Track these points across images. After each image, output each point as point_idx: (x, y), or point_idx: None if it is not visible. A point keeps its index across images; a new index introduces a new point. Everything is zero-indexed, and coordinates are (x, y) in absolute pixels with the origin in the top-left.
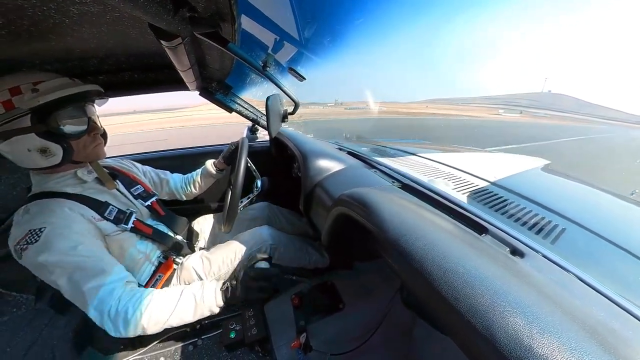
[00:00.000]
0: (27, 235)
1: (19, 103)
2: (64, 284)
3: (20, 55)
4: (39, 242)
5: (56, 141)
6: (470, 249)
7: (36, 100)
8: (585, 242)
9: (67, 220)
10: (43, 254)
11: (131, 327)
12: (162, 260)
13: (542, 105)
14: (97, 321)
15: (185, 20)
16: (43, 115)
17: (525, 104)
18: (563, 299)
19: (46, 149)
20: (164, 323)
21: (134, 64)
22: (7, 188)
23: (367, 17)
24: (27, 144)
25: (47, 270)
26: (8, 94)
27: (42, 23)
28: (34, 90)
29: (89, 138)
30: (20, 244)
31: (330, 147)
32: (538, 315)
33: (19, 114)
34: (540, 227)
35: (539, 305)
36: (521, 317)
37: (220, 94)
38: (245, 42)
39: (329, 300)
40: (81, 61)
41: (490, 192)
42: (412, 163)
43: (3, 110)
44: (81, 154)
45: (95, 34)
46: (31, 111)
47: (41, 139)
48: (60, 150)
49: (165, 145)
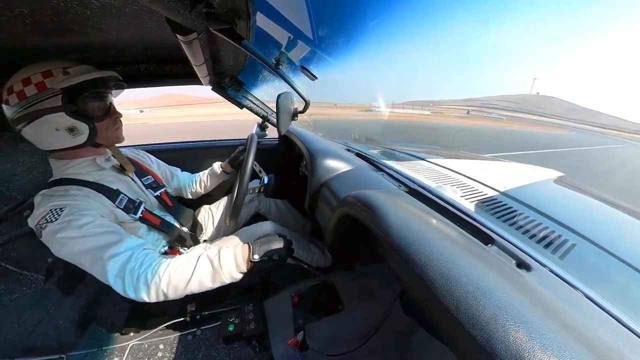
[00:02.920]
0: (48, 214)
1: (51, 84)
2: (83, 256)
3: (44, 44)
4: (58, 220)
5: (84, 121)
6: (475, 258)
7: (68, 81)
8: (596, 260)
9: (87, 202)
10: (63, 231)
11: (152, 292)
12: (167, 250)
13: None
14: (119, 288)
15: (202, 15)
16: (73, 95)
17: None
18: (569, 317)
19: (74, 127)
20: (183, 288)
21: (150, 56)
22: (24, 171)
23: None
24: (56, 123)
25: (66, 246)
26: (41, 76)
27: (64, 14)
28: (65, 73)
29: (110, 121)
30: (41, 223)
31: (339, 147)
32: (541, 331)
33: (51, 93)
34: (549, 240)
35: (543, 321)
36: (523, 332)
37: (232, 89)
38: (259, 38)
39: (328, 301)
40: (100, 52)
41: (499, 202)
42: (421, 168)
43: (35, 91)
44: (103, 136)
45: (115, 26)
46: (63, 91)
47: (70, 118)
48: (87, 130)
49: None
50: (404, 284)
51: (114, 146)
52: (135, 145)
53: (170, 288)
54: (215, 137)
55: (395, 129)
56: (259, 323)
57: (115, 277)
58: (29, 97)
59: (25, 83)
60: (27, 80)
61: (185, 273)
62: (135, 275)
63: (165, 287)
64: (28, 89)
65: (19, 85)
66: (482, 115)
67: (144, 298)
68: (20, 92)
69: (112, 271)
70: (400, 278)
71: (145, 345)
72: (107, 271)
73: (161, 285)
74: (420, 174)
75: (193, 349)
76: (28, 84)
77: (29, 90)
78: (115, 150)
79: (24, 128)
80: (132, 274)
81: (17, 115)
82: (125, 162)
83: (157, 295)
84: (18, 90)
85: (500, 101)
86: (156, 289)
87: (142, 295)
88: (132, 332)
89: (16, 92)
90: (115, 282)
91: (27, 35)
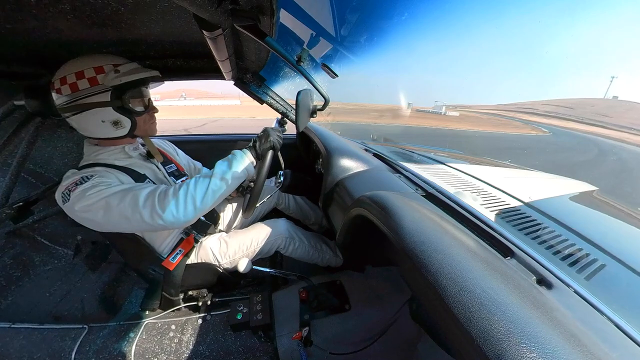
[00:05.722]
0: (78, 179)
1: (102, 80)
2: (113, 196)
3: (83, 38)
4: (88, 182)
5: (127, 115)
6: (492, 270)
7: (118, 80)
8: (628, 283)
9: (115, 177)
10: (93, 188)
11: (180, 206)
12: (184, 236)
13: (579, 116)
14: (147, 214)
15: (227, 12)
16: (120, 92)
17: (545, 111)
18: (590, 342)
19: (118, 121)
20: (204, 192)
21: (177, 51)
22: (60, 155)
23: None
24: (102, 116)
25: (95, 195)
26: (93, 72)
27: (102, 10)
28: (116, 71)
29: (148, 115)
30: (70, 187)
31: (356, 146)
32: (558, 354)
33: (102, 89)
34: (575, 258)
35: (560, 343)
36: (538, 353)
37: (254, 85)
38: (281, 35)
39: (336, 300)
40: (132, 46)
41: (522, 213)
42: (440, 172)
43: (88, 85)
44: (141, 129)
45: (146, 22)
46: (113, 88)
47: (116, 113)
48: (129, 124)
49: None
50: (414, 290)
51: (147, 137)
52: (161, 136)
53: (197, 196)
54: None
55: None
56: (266, 314)
57: (145, 202)
58: (81, 90)
59: (78, 76)
60: (80, 74)
61: (205, 177)
62: (161, 197)
63: (190, 197)
64: (81, 82)
65: (72, 77)
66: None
67: (171, 215)
68: (73, 84)
69: (141, 198)
70: (411, 283)
71: (159, 324)
72: (137, 199)
73: (187, 198)
74: (439, 179)
75: (202, 333)
76: (81, 77)
77: (81, 83)
78: (148, 141)
79: (71, 116)
80: (159, 195)
81: (68, 105)
82: (155, 151)
83: (185, 208)
84: (71, 82)
85: (547, 105)
86: (184, 201)
87: (169, 213)
88: (148, 311)
89: (69, 83)
90: (144, 208)
91: (69, 30)
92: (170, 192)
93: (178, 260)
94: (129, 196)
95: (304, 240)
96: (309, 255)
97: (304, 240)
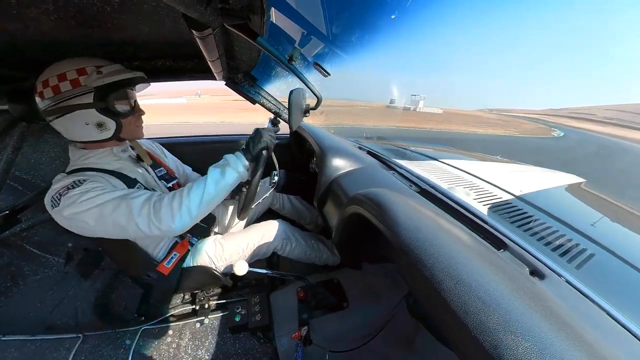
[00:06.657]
0: (70, 184)
1: (85, 82)
2: (107, 204)
3: (68, 39)
4: (80, 187)
5: (111, 117)
6: (486, 263)
7: (101, 81)
8: (616, 271)
9: (107, 181)
10: (85, 194)
11: (175, 212)
12: (179, 240)
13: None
14: (144, 224)
15: (217, 11)
16: (104, 94)
17: (602, 117)
18: (582, 330)
19: (102, 123)
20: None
21: (166, 52)
22: (48, 160)
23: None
24: (86, 118)
25: (88, 201)
26: (75, 73)
27: (87, 10)
28: (99, 72)
29: (134, 118)
30: (61, 191)
31: (350, 144)
32: (552, 342)
33: (84, 90)
34: (565, 249)
35: (555, 332)
36: (533, 342)
37: (245, 85)
38: (272, 34)
39: (334, 298)
40: (119, 47)
41: (514, 206)
42: (433, 168)
43: (70, 87)
44: (126, 131)
45: (133, 22)
46: (95, 89)
47: (99, 114)
48: (114, 126)
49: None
50: (411, 286)
51: (134, 140)
52: (151, 139)
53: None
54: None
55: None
56: (264, 315)
57: (140, 211)
58: (63, 92)
59: (60, 79)
60: (62, 76)
61: (199, 185)
62: (157, 205)
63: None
64: (63, 84)
65: (54, 79)
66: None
67: (167, 225)
68: (55, 87)
69: (136, 206)
70: (407, 279)
71: (156, 330)
72: (131, 208)
73: (182, 207)
74: (432, 175)
75: (201, 337)
76: (63, 79)
77: (63, 85)
78: (136, 143)
79: (55, 120)
80: (154, 205)
81: (50, 107)
82: (143, 153)
83: (180, 217)
84: (53, 85)
85: (609, 110)
86: (179, 210)
87: (165, 223)
88: (144, 317)
89: (51, 86)
90: (139, 217)
91: (53, 31)
92: (165, 201)
93: (173, 264)
94: (123, 205)
95: (300, 241)
96: (307, 255)
97: (300, 241)
